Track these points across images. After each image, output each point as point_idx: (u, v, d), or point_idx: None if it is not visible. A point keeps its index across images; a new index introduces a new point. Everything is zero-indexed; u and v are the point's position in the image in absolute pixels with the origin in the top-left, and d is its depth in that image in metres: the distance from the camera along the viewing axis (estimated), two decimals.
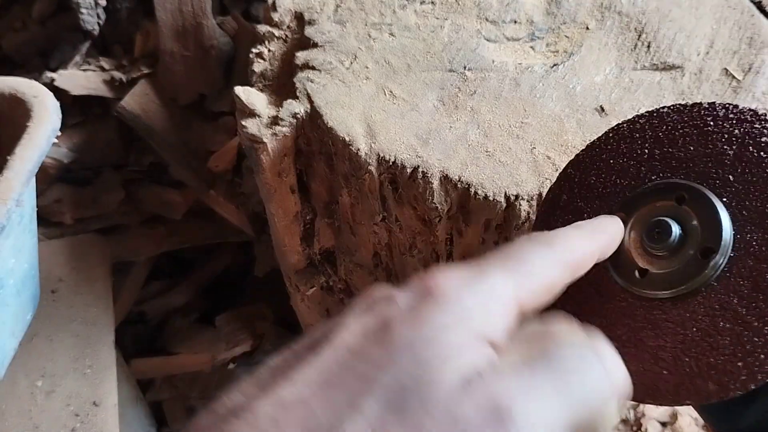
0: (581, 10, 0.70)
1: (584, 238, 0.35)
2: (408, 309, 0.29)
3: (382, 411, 0.26)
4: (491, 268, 0.31)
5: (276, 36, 0.72)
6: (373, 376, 0.27)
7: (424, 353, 0.27)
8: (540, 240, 0.33)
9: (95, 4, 1.07)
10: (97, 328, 0.98)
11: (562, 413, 0.27)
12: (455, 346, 0.27)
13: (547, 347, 0.29)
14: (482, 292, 0.29)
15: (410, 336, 0.27)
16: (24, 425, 0.89)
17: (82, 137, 1.13)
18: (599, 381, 0.28)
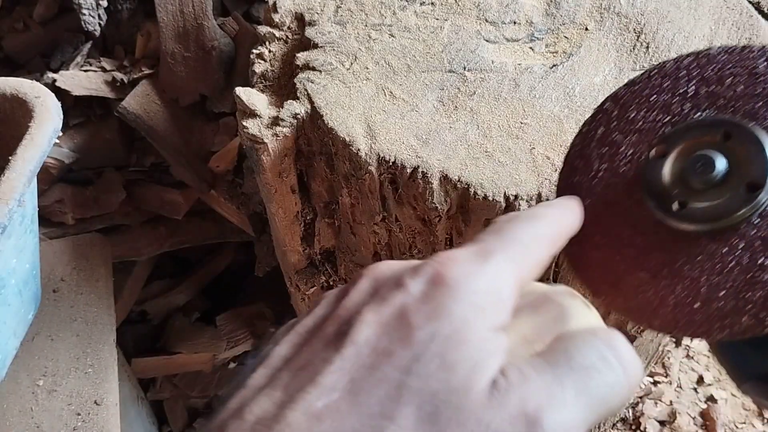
0: (580, 11, 0.70)
1: (562, 213, 0.36)
2: (422, 297, 0.29)
3: (416, 422, 0.26)
4: (493, 251, 0.31)
5: (277, 37, 0.72)
6: (403, 382, 0.27)
7: (451, 355, 0.27)
8: (528, 218, 0.34)
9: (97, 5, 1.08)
10: (99, 327, 0.98)
11: (585, 414, 0.27)
12: (478, 345, 0.28)
13: (567, 346, 0.29)
14: (490, 278, 0.30)
15: (431, 331, 0.28)
16: (25, 424, 0.89)
17: (83, 138, 1.13)
18: (618, 380, 0.29)
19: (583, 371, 0.28)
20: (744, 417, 1.06)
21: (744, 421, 1.05)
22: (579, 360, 0.29)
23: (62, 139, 1.10)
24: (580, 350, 0.29)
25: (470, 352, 0.28)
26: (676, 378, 1.09)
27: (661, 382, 1.09)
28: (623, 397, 0.29)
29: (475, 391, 0.27)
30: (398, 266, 0.31)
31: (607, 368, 0.29)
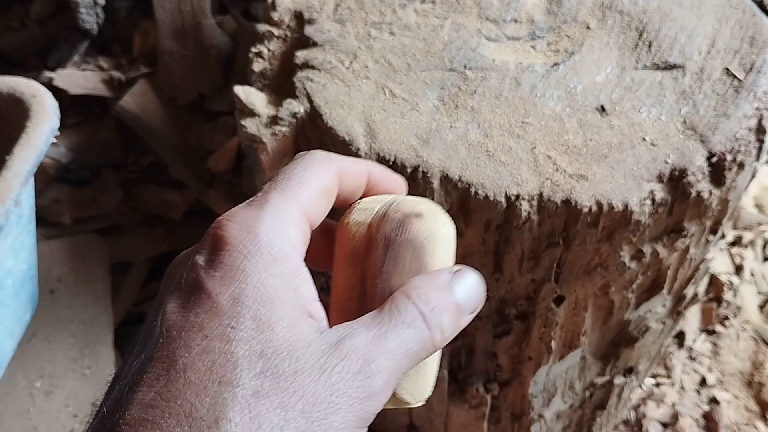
0: (582, 9, 0.69)
1: (325, 158, 0.37)
2: (210, 264, 0.31)
3: (252, 378, 0.28)
4: (267, 193, 0.33)
5: (275, 35, 0.72)
6: (226, 349, 0.28)
7: (264, 316, 0.29)
8: (308, 157, 0.36)
9: (94, 4, 1.07)
10: (96, 328, 0.98)
11: (401, 361, 0.32)
12: (286, 298, 0.30)
13: (394, 306, 0.33)
14: (270, 222, 0.31)
15: (233, 294, 0.30)
16: (23, 426, 0.89)
17: (80, 137, 1.12)
18: (425, 338, 0.33)
19: (401, 328, 0.32)
20: (747, 419, 1.05)
21: (747, 422, 1.05)
22: (400, 319, 0.32)
23: (59, 139, 1.09)
24: (402, 311, 0.33)
25: (282, 307, 0.30)
26: (679, 380, 1.09)
27: (664, 383, 1.08)
28: (429, 351, 0.33)
29: (301, 343, 0.30)
30: (187, 251, 0.33)
31: (419, 329, 0.32)
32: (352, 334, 0.31)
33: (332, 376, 0.29)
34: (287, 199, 0.33)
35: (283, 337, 0.29)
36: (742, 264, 1.20)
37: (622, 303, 0.70)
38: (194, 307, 0.30)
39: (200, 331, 0.29)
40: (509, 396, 0.79)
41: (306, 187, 0.34)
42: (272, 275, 0.30)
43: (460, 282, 0.35)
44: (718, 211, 0.65)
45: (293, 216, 0.33)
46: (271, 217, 0.32)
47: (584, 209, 0.57)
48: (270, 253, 0.31)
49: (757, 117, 0.61)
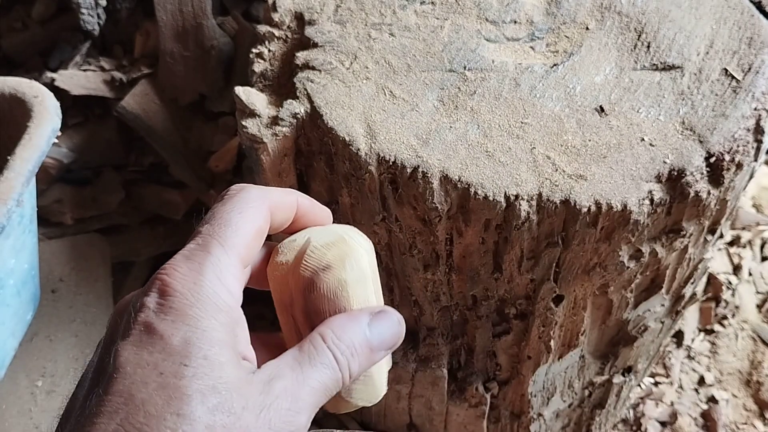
0: (581, 11, 0.70)
1: (258, 199, 0.39)
2: (159, 309, 0.33)
3: (208, 411, 0.31)
4: (207, 242, 0.35)
5: (276, 36, 0.72)
6: (179, 384, 0.31)
7: (212, 355, 0.32)
8: (241, 197, 0.38)
9: (95, 5, 1.07)
10: (98, 328, 0.98)
11: (318, 397, 0.36)
12: (225, 340, 0.33)
13: (311, 351, 0.36)
14: (213, 274, 0.34)
15: (183, 336, 0.32)
16: (24, 425, 0.89)
17: (82, 137, 1.13)
18: (336, 379, 0.37)
19: (319, 368, 0.36)
20: (745, 418, 1.05)
21: (745, 422, 1.05)
22: (317, 360, 0.36)
23: (61, 139, 1.10)
24: (319, 353, 0.36)
25: (227, 351, 0.33)
26: (677, 379, 1.09)
27: (662, 382, 1.08)
28: (339, 387, 0.37)
29: (246, 383, 0.33)
30: (133, 293, 0.36)
31: (332, 369, 0.36)
32: (280, 375, 0.35)
33: (270, 412, 0.33)
34: (226, 251, 0.35)
35: (232, 375, 0.32)
36: (740, 264, 1.20)
37: (621, 302, 0.70)
38: (147, 346, 0.32)
39: (155, 369, 0.31)
40: (509, 395, 0.79)
41: (242, 233, 0.36)
42: (218, 322, 0.33)
43: (376, 324, 0.39)
44: (717, 211, 0.66)
45: (233, 268, 0.35)
46: (213, 271, 0.34)
47: (583, 209, 0.57)
48: (215, 303, 0.34)
49: (756, 117, 0.62)
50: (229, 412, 0.31)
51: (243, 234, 0.36)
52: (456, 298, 0.70)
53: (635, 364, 0.84)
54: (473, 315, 0.70)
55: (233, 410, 0.32)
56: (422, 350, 0.75)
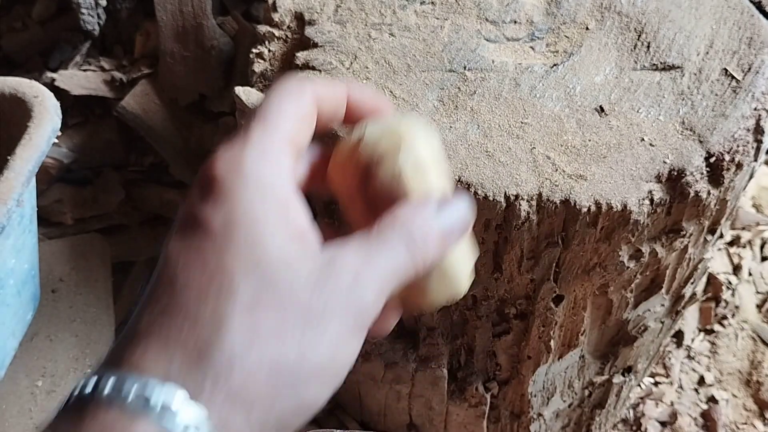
0: (581, 11, 0.70)
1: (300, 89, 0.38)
2: (200, 197, 0.33)
3: (254, 293, 0.30)
4: (250, 130, 0.34)
5: (276, 36, 0.72)
6: (223, 266, 0.31)
7: (256, 235, 0.31)
8: (282, 87, 0.37)
9: (96, 5, 1.07)
10: (98, 327, 0.98)
11: (387, 281, 0.34)
12: (275, 221, 0.32)
13: (380, 235, 0.35)
14: (255, 152, 0.33)
15: (223, 218, 0.32)
16: (24, 425, 0.89)
17: (82, 137, 1.13)
18: (407, 265, 0.35)
19: (388, 252, 0.34)
20: (745, 418, 1.05)
21: (745, 422, 1.05)
22: (387, 245, 0.34)
23: (61, 139, 1.10)
24: (388, 238, 0.35)
25: (272, 229, 0.32)
26: (677, 379, 1.09)
27: (662, 382, 1.08)
28: (412, 275, 0.35)
29: (297, 260, 0.32)
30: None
31: (404, 255, 0.34)
32: (342, 254, 0.33)
33: (326, 289, 0.32)
34: (268, 132, 0.34)
35: (277, 252, 0.31)
36: (740, 264, 1.20)
37: (621, 302, 0.70)
38: (190, 233, 0.32)
39: (197, 252, 0.31)
40: (508, 395, 0.79)
41: (284, 118, 0.35)
42: (261, 200, 0.32)
43: (444, 209, 0.37)
44: (717, 211, 0.66)
45: (276, 146, 0.34)
46: (254, 149, 0.33)
47: (583, 209, 0.57)
48: (257, 181, 0.33)
49: (755, 117, 0.62)
50: (274, 289, 0.31)
51: (285, 117, 0.35)
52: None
53: (635, 364, 0.84)
54: (473, 315, 0.70)
55: (279, 287, 0.31)
56: (422, 350, 0.75)
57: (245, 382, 0.30)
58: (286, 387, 0.31)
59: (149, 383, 0.29)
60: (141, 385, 0.29)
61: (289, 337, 0.31)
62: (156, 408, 0.28)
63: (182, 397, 0.29)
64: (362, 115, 0.40)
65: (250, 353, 0.30)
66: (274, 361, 0.30)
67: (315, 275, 0.32)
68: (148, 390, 0.28)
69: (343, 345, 0.32)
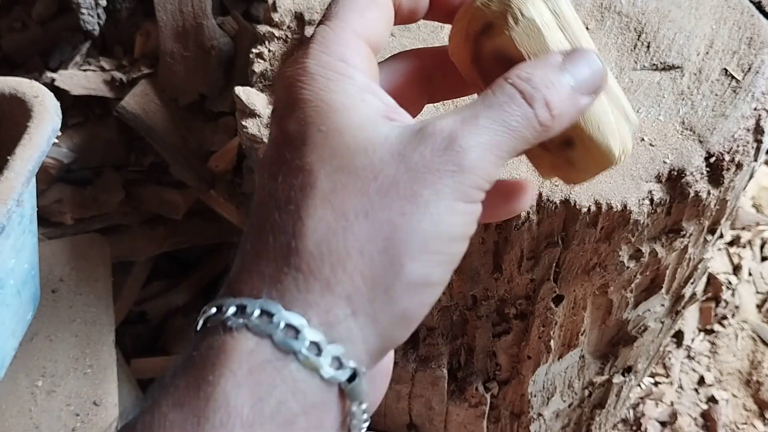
0: (581, 11, 0.70)
1: None
2: (276, 110, 0.32)
3: (331, 176, 0.29)
4: (316, 30, 0.33)
5: (276, 36, 0.72)
6: (299, 161, 0.30)
7: (328, 123, 0.30)
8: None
9: (95, 5, 1.07)
10: (98, 327, 0.98)
11: (497, 136, 0.30)
12: (349, 104, 0.31)
13: (486, 94, 0.32)
14: (320, 49, 0.32)
15: (296, 117, 0.31)
16: (24, 425, 0.89)
17: (82, 137, 1.13)
18: (525, 116, 0.31)
19: (495, 107, 0.31)
20: (745, 418, 1.05)
21: (745, 422, 1.05)
22: (494, 100, 0.31)
23: (61, 139, 1.09)
24: (497, 93, 0.31)
25: (349, 114, 0.30)
26: (677, 379, 1.09)
27: (662, 382, 1.08)
28: (536, 129, 0.31)
29: (380, 140, 0.30)
30: None
31: (517, 105, 0.31)
32: (435, 120, 0.30)
33: (413, 157, 0.29)
34: (332, 28, 0.32)
35: (354, 137, 0.30)
36: (740, 264, 1.20)
37: (621, 302, 0.70)
38: (270, 146, 0.32)
39: (275, 160, 0.31)
40: (508, 395, 0.79)
41: (349, 8, 0.33)
42: (332, 91, 0.31)
43: (572, 61, 0.33)
44: (717, 211, 0.66)
45: (343, 39, 0.32)
46: (319, 47, 0.32)
47: (583, 209, 0.57)
48: (324, 76, 0.31)
49: (755, 117, 0.62)
50: (353, 171, 0.29)
51: (350, 7, 0.33)
52: (456, 298, 0.70)
53: (635, 364, 0.84)
54: (473, 315, 0.70)
55: (359, 167, 0.29)
56: (422, 350, 0.75)
57: (336, 270, 0.28)
58: (384, 267, 0.28)
59: (244, 304, 0.28)
60: (237, 307, 0.28)
61: (378, 214, 0.28)
62: (255, 327, 0.28)
63: (276, 310, 0.28)
64: (447, 8, 0.36)
65: (336, 238, 0.28)
66: (365, 241, 0.28)
67: (400, 148, 0.29)
68: (246, 312, 0.28)
69: (444, 213, 0.29)
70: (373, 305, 0.28)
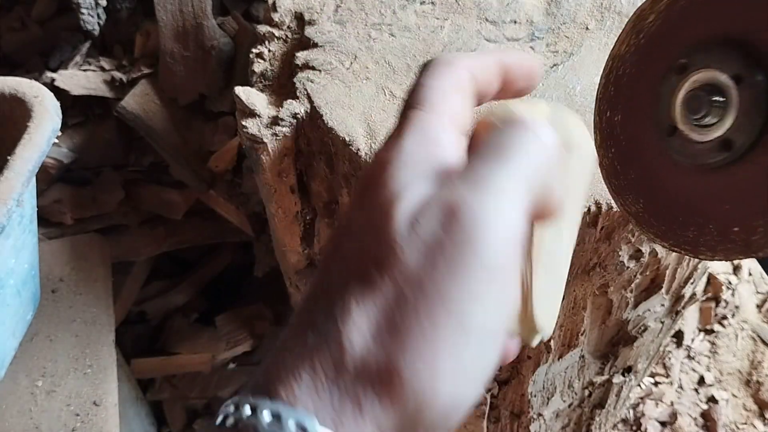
0: (581, 11, 0.70)
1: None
2: (356, 190, 0.31)
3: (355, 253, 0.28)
4: (410, 114, 0.32)
5: (276, 36, 0.72)
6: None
7: (372, 197, 0.29)
8: (434, 65, 0.34)
9: (95, 5, 1.07)
10: (98, 327, 0.98)
11: (516, 186, 0.28)
12: (397, 184, 0.29)
13: (486, 140, 0.30)
14: (415, 132, 0.31)
15: (368, 200, 0.29)
16: (24, 425, 0.89)
17: (82, 137, 1.13)
18: (536, 148, 0.29)
19: (502, 154, 0.29)
20: (745, 418, 1.05)
21: (745, 421, 1.05)
22: (496, 146, 0.29)
23: (61, 139, 1.10)
24: (497, 138, 0.30)
25: (385, 192, 0.29)
26: (677, 379, 1.09)
27: (662, 382, 1.08)
28: (550, 164, 0.29)
29: (396, 219, 0.28)
30: None
31: (523, 143, 0.29)
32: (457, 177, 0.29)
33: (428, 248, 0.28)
34: (426, 113, 0.32)
35: (394, 232, 0.28)
36: (740, 264, 1.20)
37: (621, 302, 0.70)
38: (356, 203, 0.30)
39: (336, 250, 0.30)
40: (509, 395, 0.79)
41: (442, 96, 0.32)
42: (412, 172, 0.30)
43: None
44: None
45: (437, 124, 0.31)
46: (414, 130, 0.31)
47: (583, 209, 0.57)
48: (414, 164, 0.30)
49: None
50: (385, 271, 0.27)
51: (443, 96, 0.32)
52: None
53: (635, 364, 0.84)
54: None
55: (386, 265, 0.27)
56: None
57: (368, 394, 0.27)
58: (419, 376, 0.27)
59: (279, 413, 0.27)
60: (272, 411, 0.27)
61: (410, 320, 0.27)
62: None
63: (311, 427, 0.27)
64: (516, 87, 0.36)
65: (373, 359, 0.27)
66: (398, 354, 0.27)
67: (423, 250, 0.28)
68: (282, 418, 0.27)
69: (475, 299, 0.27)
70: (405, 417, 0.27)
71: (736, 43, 0.36)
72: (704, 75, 0.37)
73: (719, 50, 0.36)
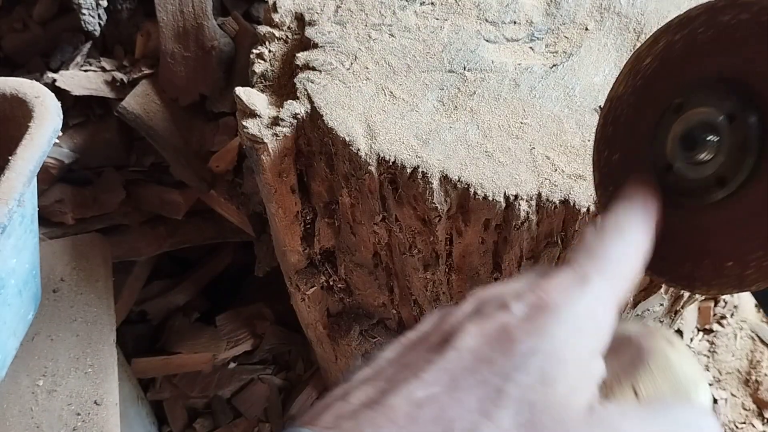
0: (580, 11, 0.70)
1: (644, 219, 0.36)
2: (524, 317, 0.31)
3: (513, 425, 0.28)
4: (589, 274, 0.33)
5: (276, 37, 0.72)
6: (502, 387, 0.29)
7: (551, 371, 0.30)
8: (615, 231, 0.35)
9: (96, 5, 1.08)
10: (98, 327, 0.98)
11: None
12: (578, 366, 0.30)
13: (668, 403, 0.32)
14: (589, 302, 0.32)
15: (532, 346, 0.30)
16: (25, 424, 0.89)
17: (83, 137, 1.13)
18: None
19: (672, 428, 0.31)
20: (744, 417, 1.06)
21: (744, 421, 1.05)
22: (672, 419, 0.31)
23: (62, 139, 1.10)
24: (676, 412, 0.32)
25: (570, 371, 0.30)
26: None
27: None
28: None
29: (573, 410, 0.29)
30: (502, 290, 0.34)
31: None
32: (622, 418, 0.30)
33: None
34: (608, 284, 0.33)
35: (560, 397, 0.29)
36: None
37: None
38: (493, 342, 0.31)
39: (489, 364, 0.30)
40: None
41: (624, 277, 0.34)
42: (575, 343, 0.31)
43: None
44: None
45: (610, 302, 0.33)
46: (592, 295, 0.32)
47: (582, 209, 0.58)
48: (581, 328, 0.31)
49: None
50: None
51: (621, 275, 0.34)
52: (456, 298, 0.70)
53: None
54: None
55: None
56: None
57: None
58: None
59: None
60: None
61: None
62: None
63: None
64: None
65: None
66: None
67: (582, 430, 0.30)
68: None
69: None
70: None
71: (730, 82, 0.36)
72: (698, 113, 0.38)
73: (714, 89, 0.37)
